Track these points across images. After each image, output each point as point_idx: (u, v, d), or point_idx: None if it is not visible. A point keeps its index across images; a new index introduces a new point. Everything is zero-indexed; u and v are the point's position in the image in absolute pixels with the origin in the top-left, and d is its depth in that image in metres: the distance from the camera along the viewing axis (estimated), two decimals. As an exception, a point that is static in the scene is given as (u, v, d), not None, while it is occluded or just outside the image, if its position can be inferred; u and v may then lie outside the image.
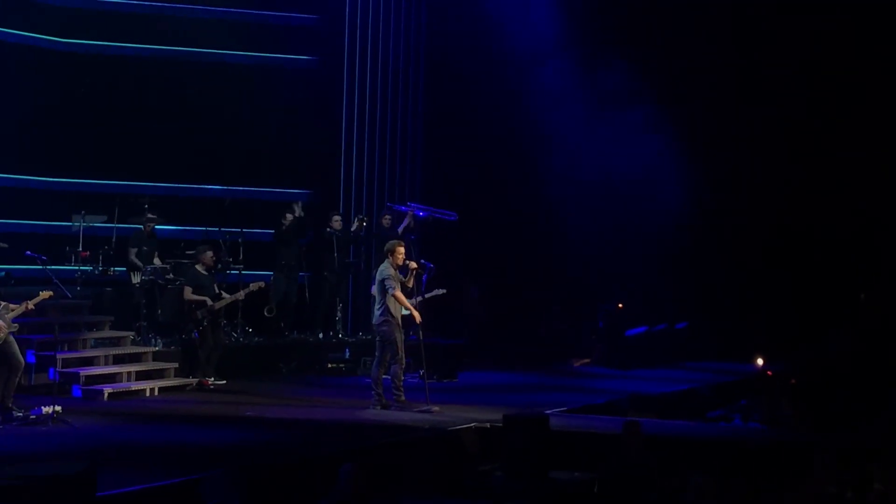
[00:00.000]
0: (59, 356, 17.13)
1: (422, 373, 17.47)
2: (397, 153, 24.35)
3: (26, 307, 14.99)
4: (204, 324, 18.57)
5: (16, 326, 14.81)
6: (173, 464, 12.26)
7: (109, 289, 19.99)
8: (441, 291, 20.42)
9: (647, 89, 23.94)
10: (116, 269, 20.05)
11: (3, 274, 18.84)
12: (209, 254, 19.01)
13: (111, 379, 17.70)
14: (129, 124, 22.08)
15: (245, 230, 21.30)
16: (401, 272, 16.73)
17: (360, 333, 22.21)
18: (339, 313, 22.10)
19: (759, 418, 18.57)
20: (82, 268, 19.79)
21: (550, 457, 14.34)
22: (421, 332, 17.46)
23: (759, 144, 24.46)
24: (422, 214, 21.18)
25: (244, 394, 18.13)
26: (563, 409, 16.96)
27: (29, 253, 16.20)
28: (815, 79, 24.03)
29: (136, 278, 19.57)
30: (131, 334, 19.16)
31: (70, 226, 20.31)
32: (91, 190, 21.68)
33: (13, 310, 14.83)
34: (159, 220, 20.22)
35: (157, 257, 19.96)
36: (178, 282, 19.59)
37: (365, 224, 21.82)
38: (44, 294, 15.14)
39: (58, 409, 14.71)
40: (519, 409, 15.91)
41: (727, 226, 24.91)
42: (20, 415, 14.67)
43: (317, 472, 12.57)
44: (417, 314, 16.86)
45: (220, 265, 19.87)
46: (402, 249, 16.74)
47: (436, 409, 16.35)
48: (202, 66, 22.89)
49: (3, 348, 14.70)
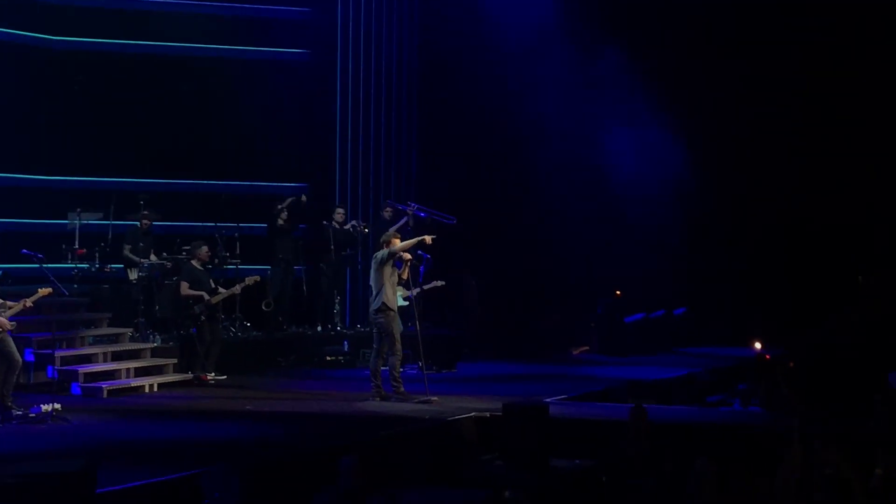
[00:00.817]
0: (58, 354, 17.09)
1: (420, 364, 17.48)
2: (392, 146, 24.33)
3: (24, 305, 14.99)
4: (201, 319, 18.58)
5: (13, 324, 14.81)
6: (173, 459, 12.27)
7: (106, 286, 19.98)
8: (440, 283, 20.45)
9: (642, 77, 23.96)
10: (113, 265, 20.03)
11: (0, 273, 18.85)
12: (204, 249, 19.01)
13: (110, 376, 17.70)
14: (123, 121, 22.05)
15: (241, 224, 21.30)
16: (396, 265, 16.72)
17: (359, 326, 22.23)
18: (338, 306, 22.11)
19: (758, 402, 18.57)
20: (79, 265, 19.78)
21: (550, 445, 14.36)
22: (419, 322, 17.49)
23: (757, 129, 24.45)
24: (423, 215, 21.18)
25: (243, 388, 18.14)
26: (562, 397, 17.00)
27: (25, 251, 16.18)
28: (814, 63, 24.01)
29: (133, 275, 19.57)
30: (129, 331, 19.15)
31: (66, 223, 20.28)
32: (86, 187, 21.65)
33: (11, 308, 14.83)
34: (155, 217, 20.20)
35: (154, 253, 19.95)
36: (175, 277, 19.59)
37: (367, 231, 21.83)
38: (42, 291, 15.14)
39: (57, 406, 14.70)
40: (518, 399, 15.93)
41: (725, 211, 24.91)
42: (19, 413, 14.67)
43: (317, 465, 12.58)
44: (427, 238, 16.87)
45: (216, 260, 19.86)
46: (398, 240, 16.74)
47: (435, 399, 16.37)
48: (195, 62, 22.85)
49: (0, 346, 14.70)
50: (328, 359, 20.98)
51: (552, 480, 13.60)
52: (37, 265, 15.87)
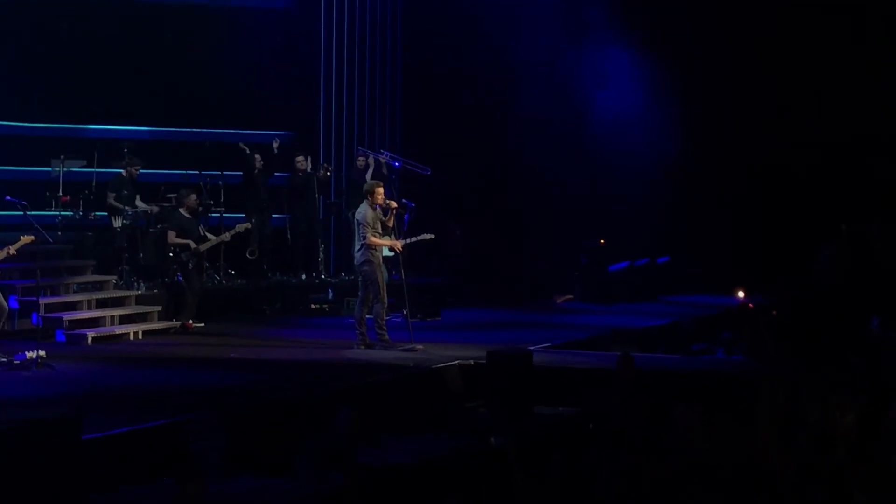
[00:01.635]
0: (42, 301, 17.04)
1: (405, 312, 17.50)
2: (376, 95, 24.28)
3: (8, 252, 14.98)
4: (189, 267, 18.56)
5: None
6: (158, 407, 12.28)
7: (91, 233, 19.90)
8: (429, 236, 20.40)
9: (626, 25, 23.91)
10: (97, 213, 19.97)
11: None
12: (193, 197, 18.96)
13: (94, 323, 17.70)
14: (107, 69, 21.88)
15: (225, 173, 21.25)
16: (384, 214, 16.70)
17: (343, 274, 22.22)
18: (322, 254, 22.11)
19: (741, 351, 18.65)
20: (63, 213, 19.71)
21: (534, 393, 14.41)
22: (403, 271, 17.50)
23: (739, 78, 24.43)
24: (397, 165, 21.16)
25: (228, 336, 18.17)
26: (546, 345, 17.02)
27: (8, 198, 16.14)
28: (796, 14, 23.97)
29: (118, 222, 19.50)
30: (114, 278, 19.14)
31: (49, 171, 20.19)
32: (70, 135, 21.54)
33: (-6, 255, 14.81)
34: (139, 164, 20.12)
35: (140, 201, 19.90)
36: (159, 225, 19.55)
37: (329, 173, 21.79)
38: (25, 238, 15.12)
39: (42, 353, 14.70)
40: (502, 346, 15.96)
41: (707, 159, 24.91)
42: (4, 360, 14.66)
43: (301, 413, 12.62)
44: (398, 244, 16.92)
45: (201, 208, 19.83)
46: (381, 190, 16.69)
47: (420, 347, 16.41)
48: (181, 10, 22.71)
49: (-15, 294, 14.71)
50: (313, 307, 21.02)
51: (536, 427, 13.66)
52: (20, 212, 15.84)
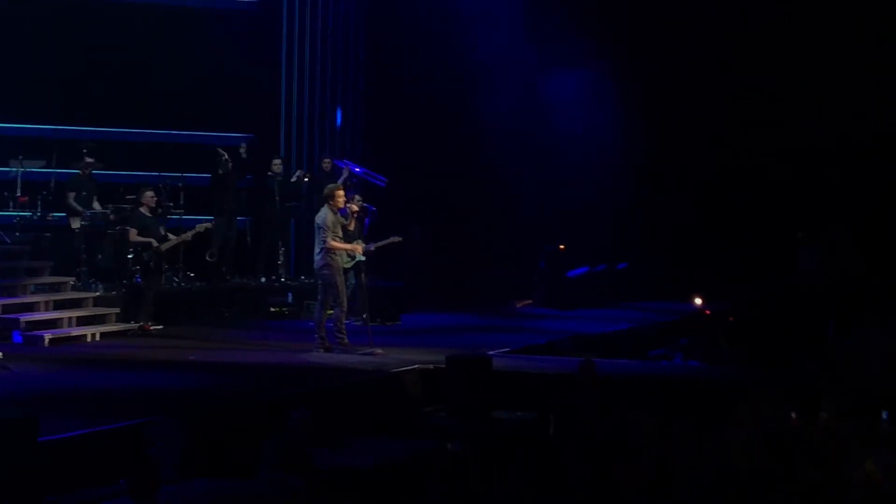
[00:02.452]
0: (-1, 302, 17.03)
1: (365, 316, 17.49)
2: (338, 97, 24.25)
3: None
4: (151, 266, 18.50)
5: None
6: (116, 409, 12.24)
7: (49, 234, 19.80)
8: (397, 239, 20.46)
9: (585, 33, 23.98)
10: (56, 214, 19.87)
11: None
12: (149, 194, 18.88)
13: (52, 325, 17.60)
14: (67, 69, 21.79)
15: (185, 175, 21.18)
16: (341, 212, 16.69)
17: (303, 277, 22.18)
18: (282, 257, 22.08)
19: (699, 357, 18.76)
20: (21, 213, 19.61)
21: (493, 397, 14.45)
22: (364, 275, 17.54)
23: (699, 86, 24.54)
24: (357, 171, 21.16)
25: (186, 339, 18.11)
26: (505, 349, 17.06)
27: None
28: (750, 21, 24.12)
29: (76, 223, 19.42)
30: (72, 280, 19.05)
31: (8, 171, 20.08)
32: (29, 134, 21.43)
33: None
34: (98, 165, 20.05)
35: (97, 202, 19.81)
36: (118, 227, 19.48)
37: (307, 180, 21.77)
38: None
39: (-2, 355, 14.64)
40: (462, 351, 15.99)
41: (666, 166, 25.03)
42: (-40, 362, 14.59)
43: (260, 417, 12.60)
44: (359, 248, 16.94)
45: (160, 210, 19.75)
46: (341, 193, 16.72)
47: (379, 351, 16.41)
48: (140, 10, 22.60)
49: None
50: (272, 310, 20.99)
51: (494, 431, 13.68)
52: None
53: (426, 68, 24.24)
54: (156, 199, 19.07)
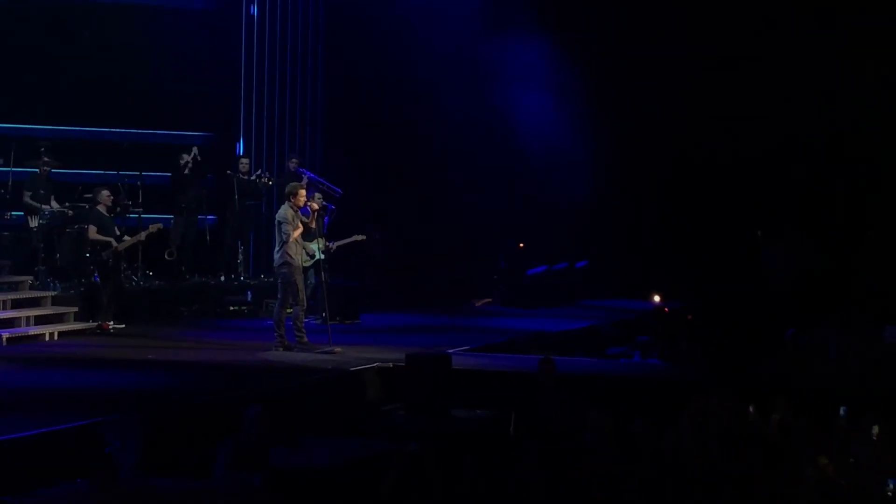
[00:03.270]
0: (-44, 302, 16.95)
1: (324, 314, 17.50)
2: (297, 96, 24.21)
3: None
4: (109, 265, 18.44)
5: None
6: (74, 408, 12.20)
7: (6, 233, 19.69)
8: (360, 237, 20.50)
9: (546, 28, 24.06)
10: (13, 213, 19.77)
11: None
12: (105, 193, 18.79)
13: (10, 324, 17.51)
14: (24, 66, 21.64)
15: (144, 173, 21.11)
16: (303, 211, 16.73)
17: (262, 276, 22.10)
18: (241, 256, 22.03)
19: (657, 355, 18.87)
20: (-22, 212, 19.52)
21: (452, 395, 14.49)
22: (324, 273, 17.58)
23: (657, 85, 24.65)
24: (314, 178, 21.18)
25: (145, 337, 18.06)
26: (464, 348, 17.12)
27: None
28: (714, 20, 24.25)
29: (34, 222, 19.32)
30: (29, 279, 18.94)
31: (-35, 170, 19.99)
32: (-14, 133, 21.32)
33: None
34: (56, 164, 19.96)
35: (55, 200, 19.72)
36: (76, 226, 19.40)
37: (270, 183, 21.74)
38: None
39: (-45, 355, 14.57)
40: (421, 349, 16.04)
41: (625, 164, 25.12)
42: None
43: (219, 415, 12.59)
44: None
45: (118, 209, 19.67)
46: (303, 192, 16.77)
47: (338, 349, 16.43)
48: (100, 7, 22.49)
49: None
50: (231, 309, 20.96)
51: (453, 430, 13.73)
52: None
53: (386, 69, 24.23)
54: (112, 199, 18.99)
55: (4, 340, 16.85)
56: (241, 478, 10.49)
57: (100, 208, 18.68)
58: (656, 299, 22.78)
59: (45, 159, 19.71)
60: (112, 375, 14.66)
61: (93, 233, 18.48)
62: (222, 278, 21.65)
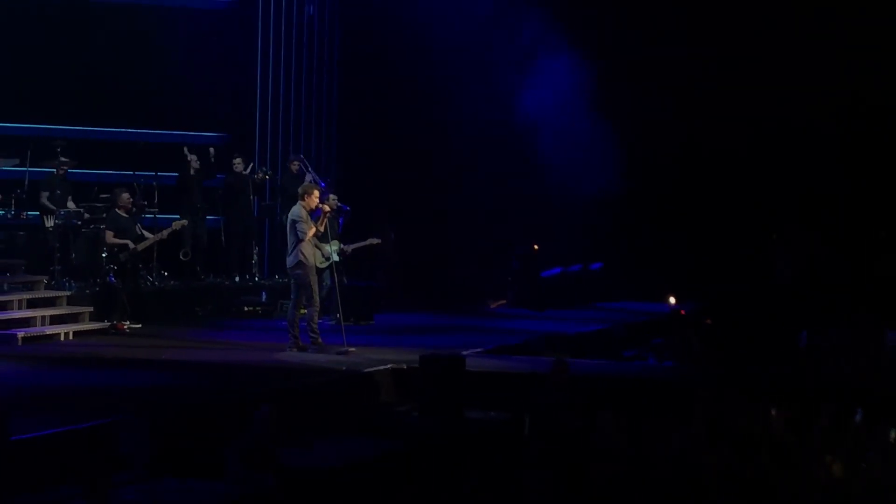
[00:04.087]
0: (-28, 301, 16.99)
1: (338, 315, 17.51)
2: (313, 97, 24.25)
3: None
4: (127, 266, 18.48)
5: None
6: (88, 408, 12.21)
7: (22, 233, 19.76)
8: (375, 241, 20.51)
9: (562, 30, 24.04)
10: (29, 213, 19.83)
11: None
12: (125, 195, 18.81)
13: (25, 323, 17.56)
14: (41, 67, 21.74)
15: (159, 173, 21.15)
16: (314, 215, 16.71)
17: (277, 276, 22.15)
18: (256, 256, 22.06)
19: (672, 357, 18.83)
20: (-6, 212, 19.59)
21: (466, 397, 14.48)
22: (338, 274, 17.62)
23: (671, 85, 24.60)
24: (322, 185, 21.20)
25: (160, 338, 18.08)
26: (478, 350, 17.09)
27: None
28: (729, 22, 24.20)
29: (50, 222, 19.38)
30: (45, 278, 18.99)
31: (-19, 170, 20.05)
32: (2, 133, 21.36)
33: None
34: (72, 164, 20.02)
35: (71, 201, 19.77)
36: (92, 226, 19.45)
37: (268, 177, 21.74)
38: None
39: (-30, 354, 14.61)
40: (435, 351, 15.99)
41: (639, 166, 25.05)
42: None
43: (232, 415, 12.60)
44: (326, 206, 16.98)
45: (134, 209, 19.71)
46: (317, 193, 16.74)
47: (353, 350, 16.42)
48: (116, 8, 22.57)
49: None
50: (246, 309, 20.97)
51: (466, 431, 13.73)
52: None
53: (400, 68, 24.23)
54: (131, 201, 19.01)
55: (20, 340, 16.89)
56: (253, 477, 10.51)
57: (118, 210, 18.71)
58: (672, 301, 22.72)
59: (62, 159, 19.76)
60: (126, 375, 14.68)
61: (109, 237, 18.50)
62: (237, 279, 21.68)
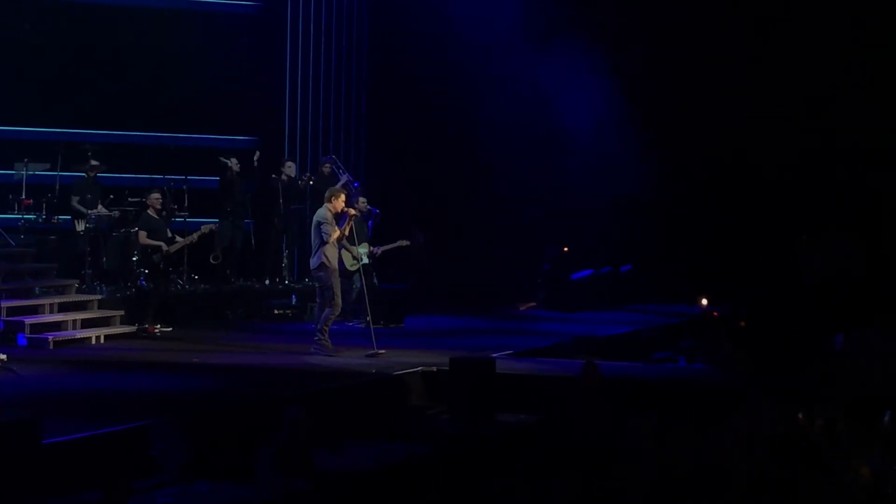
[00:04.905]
0: (4, 304, 17.04)
1: (368, 318, 17.52)
2: (342, 99, 24.28)
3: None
4: (159, 270, 18.53)
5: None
6: (120, 411, 12.27)
7: (53, 237, 19.85)
8: (404, 243, 20.51)
9: (594, 34, 24.01)
10: (60, 217, 19.92)
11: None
12: (155, 196, 18.85)
13: (56, 327, 17.64)
14: (71, 71, 21.85)
15: (189, 177, 21.21)
16: (342, 221, 16.71)
17: (307, 280, 22.12)
18: (286, 259, 22.10)
19: (703, 359, 18.75)
20: (25, 216, 19.64)
21: (496, 400, 14.46)
22: (366, 277, 17.64)
23: (702, 86, 24.52)
24: (356, 185, 21.21)
25: (190, 341, 18.12)
26: (509, 352, 17.07)
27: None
28: (761, 26, 24.12)
29: (81, 226, 19.46)
30: (76, 282, 19.06)
31: (13, 174, 20.12)
32: (34, 137, 21.47)
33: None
34: (102, 168, 20.10)
35: (101, 205, 19.85)
36: (122, 229, 19.52)
37: (311, 182, 21.79)
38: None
39: (3, 357, 14.67)
40: (465, 353, 16.00)
41: (670, 168, 24.99)
42: (-34, 364, 14.62)
43: (263, 418, 12.62)
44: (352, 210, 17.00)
45: (164, 212, 19.77)
46: (343, 196, 16.77)
47: (382, 352, 16.41)
48: (145, 12, 22.66)
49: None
50: (276, 312, 20.99)
51: (497, 434, 13.70)
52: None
53: (431, 70, 24.23)
54: (161, 201, 19.07)
55: (51, 343, 16.97)
56: (286, 480, 10.53)
57: (150, 212, 18.76)
58: (703, 303, 22.64)
59: (92, 163, 19.84)
60: (157, 378, 14.73)
61: (143, 238, 18.54)
62: (267, 282, 21.71)
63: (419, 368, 15.41)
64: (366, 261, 18.77)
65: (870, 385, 14.84)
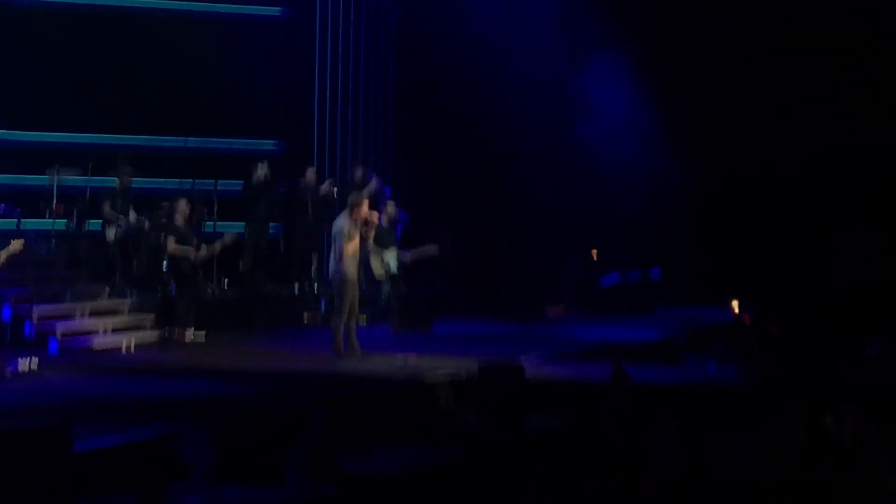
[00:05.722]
0: (35, 311, 17.12)
1: (396, 324, 17.51)
2: (370, 104, 24.33)
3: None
4: (188, 276, 18.59)
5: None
6: (150, 417, 12.32)
7: (84, 243, 19.94)
8: (433, 250, 20.50)
9: (618, 39, 23.97)
10: (91, 223, 20.00)
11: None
12: (182, 203, 18.93)
13: (87, 333, 17.72)
14: (101, 78, 21.95)
15: (218, 183, 21.27)
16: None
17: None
18: (314, 266, 22.13)
19: (732, 363, 18.68)
20: (57, 222, 19.74)
21: (525, 406, 14.44)
22: (396, 282, 17.63)
23: (730, 89, 24.45)
24: (387, 190, 21.23)
25: (220, 347, 18.20)
26: (537, 357, 17.04)
27: (2, 207, 16.15)
28: (784, 28, 24.04)
29: (111, 233, 19.54)
30: (107, 288, 19.14)
31: (44, 180, 20.21)
32: (65, 144, 21.57)
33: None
34: (134, 174, 20.17)
35: (133, 210, 19.92)
36: (153, 235, 19.60)
37: (336, 189, 21.80)
38: (15, 243, 14.97)
39: (34, 363, 14.72)
40: (494, 359, 15.99)
41: (700, 171, 24.91)
42: (-3, 370, 14.69)
43: (291, 422, 12.65)
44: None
45: (193, 219, 19.83)
46: (366, 203, 16.77)
47: (411, 358, 16.40)
48: (174, 19, 22.77)
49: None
50: (305, 318, 21.02)
51: (526, 440, 13.70)
52: (13, 221, 15.83)
53: (457, 76, 24.23)
54: (189, 209, 19.12)
55: (82, 349, 17.04)
56: (314, 485, 10.55)
57: (177, 218, 18.82)
58: (734, 307, 22.53)
59: (125, 170, 19.91)
60: (187, 384, 14.77)
61: (172, 245, 18.61)
62: (296, 288, 21.74)
63: (447, 374, 15.40)
64: (394, 271, 18.68)
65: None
